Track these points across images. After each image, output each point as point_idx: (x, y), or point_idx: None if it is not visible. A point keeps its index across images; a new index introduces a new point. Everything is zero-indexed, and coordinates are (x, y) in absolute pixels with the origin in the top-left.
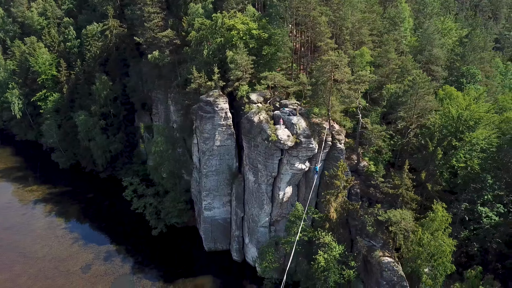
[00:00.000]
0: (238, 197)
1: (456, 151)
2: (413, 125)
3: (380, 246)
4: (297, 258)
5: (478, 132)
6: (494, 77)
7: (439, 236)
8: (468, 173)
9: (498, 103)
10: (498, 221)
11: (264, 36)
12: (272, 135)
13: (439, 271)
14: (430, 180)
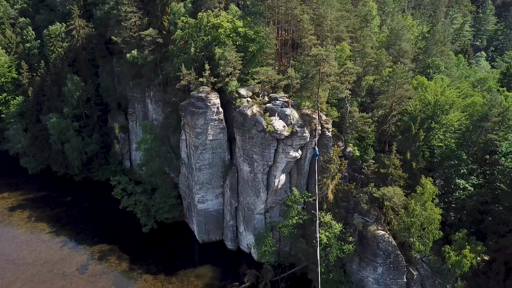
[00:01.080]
0: (232, 188)
1: (434, 132)
2: (394, 112)
3: (373, 221)
4: (295, 240)
5: (452, 115)
6: (451, 68)
7: (428, 206)
8: (445, 151)
9: (459, 90)
10: (473, 191)
11: (250, 34)
12: (269, 126)
13: (428, 238)
14: (414, 159)
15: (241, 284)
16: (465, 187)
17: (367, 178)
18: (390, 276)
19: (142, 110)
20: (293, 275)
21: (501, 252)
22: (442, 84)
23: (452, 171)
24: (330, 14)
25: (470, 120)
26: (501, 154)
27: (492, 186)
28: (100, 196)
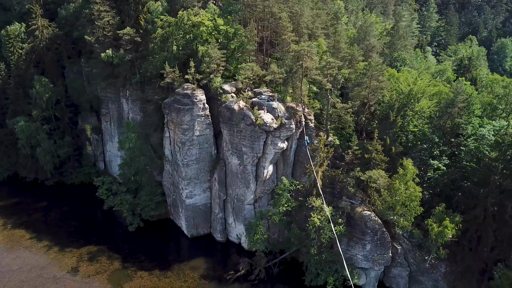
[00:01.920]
0: (221, 181)
1: (409, 118)
2: (372, 102)
3: (359, 203)
4: (284, 227)
5: (423, 102)
6: (412, 61)
7: (410, 185)
8: (419, 135)
9: (428, 80)
10: (445, 171)
11: (231, 32)
12: (258, 119)
13: (410, 214)
14: (393, 144)
15: (236, 272)
16: (438, 167)
17: (347, 164)
18: (377, 252)
19: (117, 110)
20: (284, 260)
21: (472, 222)
22: (413, 75)
23: (426, 153)
24: (305, 11)
25: (439, 107)
26: (467, 136)
27: (460, 165)
28: (77, 199)
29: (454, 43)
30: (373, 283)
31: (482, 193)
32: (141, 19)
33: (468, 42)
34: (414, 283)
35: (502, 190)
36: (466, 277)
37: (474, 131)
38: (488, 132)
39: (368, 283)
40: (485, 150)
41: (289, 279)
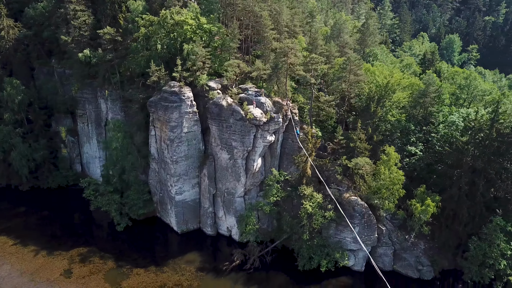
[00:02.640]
0: (210, 176)
1: (388, 109)
2: (352, 94)
3: (345, 189)
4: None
5: (399, 94)
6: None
7: (393, 170)
8: (396, 124)
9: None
10: (421, 156)
11: (214, 30)
12: (248, 114)
13: (394, 197)
14: (374, 133)
15: (231, 263)
16: (415, 152)
17: (329, 154)
18: (365, 234)
19: (94, 111)
20: (276, 248)
21: (449, 201)
22: (387, 69)
23: (404, 141)
24: (284, 10)
25: (412, 97)
26: (438, 123)
27: (433, 150)
28: (57, 203)
29: (408, 40)
30: (361, 264)
31: (456, 174)
32: (120, 18)
33: (420, 38)
34: (398, 260)
35: (473, 170)
36: (444, 251)
37: (445, 118)
38: (457, 119)
39: (357, 264)
40: (456, 135)
41: (282, 266)
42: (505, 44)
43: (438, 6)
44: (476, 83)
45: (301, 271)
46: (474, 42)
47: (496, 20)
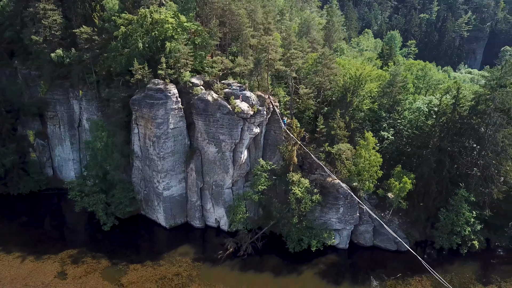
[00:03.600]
0: (197, 170)
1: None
2: (328, 86)
3: (328, 174)
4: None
5: (370, 84)
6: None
7: (372, 153)
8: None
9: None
10: (392, 140)
11: (194, 28)
12: (236, 107)
13: (373, 177)
14: (351, 121)
15: (225, 251)
16: (388, 137)
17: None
18: (348, 214)
19: (67, 112)
20: (264, 234)
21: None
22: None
23: (377, 127)
24: (258, 8)
25: (381, 87)
26: (404, 109)
27: (401, 134)
28: (33, 208)
29: (355, 36)
30: (345, 241)
31: (425, 154)
32: (95, 17)
33: (366, 34)
34: (377, 235)
35: (439, 150)
36: (416, 224)
37: (410, 105)
38: (422, 105)
39: (342, 242)
40: (422, 119)
41: (274, 250)
42: (438, 39)
43: (378, 4)
44: (431, 73)
45: (292, 253)
46: (412, 37)
47: (430, 17)
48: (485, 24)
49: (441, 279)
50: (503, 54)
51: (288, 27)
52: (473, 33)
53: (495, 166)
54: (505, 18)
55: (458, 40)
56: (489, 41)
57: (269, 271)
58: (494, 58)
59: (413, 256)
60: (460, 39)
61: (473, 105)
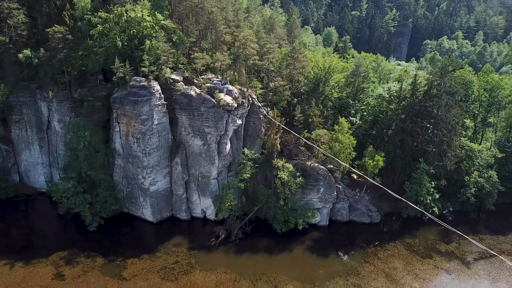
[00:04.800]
0: (183, 164)
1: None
2: (301, 77)
3: (307, 158)
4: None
5: (337, 75)
6: None
7: (347, 136)
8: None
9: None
10: (360, 124)
11: (170, 26)
12: (221, 100)
13: (348, 158)
14: (324, 109)
15: (217, 238)
16: (356, 122)
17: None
18: (327, 193)
19: (34, 115)
20: (250, 220)
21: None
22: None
23: (346, 113)
24: (229, 6)
25: (347, 77)
26: (367, 96)
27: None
28: (6, 216)
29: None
30: (325, 219)
31: (390, 135)
32: (66, 16)
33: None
34: (353, 211)
35: (402, 130)
36: (384, 198)
37: (373, 92)
38: (383, 92)
39: (322, 219)
40: (385, 104)
41: (262, 233)
42: (369, 34)
43: (314, 2)
44: (383, 64)
45: (279, 234)
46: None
47: (360, 14)
48: (408, 20)
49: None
50: (425, 47)
51: (258, 23)
52: (399, 28)
53: (447, 142)
54: (424, 15)
55: (386, 35)
56: (412, 36)
57: (262, 252)
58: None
59: (385, 226)
60: (388, 34)
61: (427, 90)
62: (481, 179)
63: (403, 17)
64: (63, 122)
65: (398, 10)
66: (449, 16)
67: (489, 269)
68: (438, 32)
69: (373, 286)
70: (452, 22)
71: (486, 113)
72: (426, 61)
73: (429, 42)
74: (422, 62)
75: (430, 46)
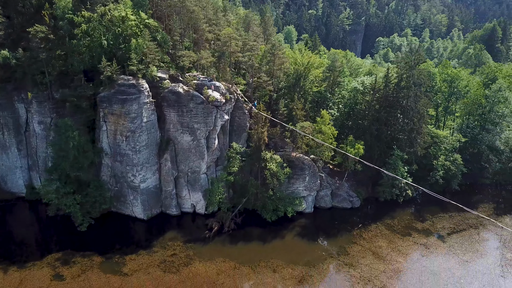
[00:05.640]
0: (172, 160)
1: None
2: (280, 73)
3: (292, 150)
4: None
5: (315, 71)
6: None
7: (328, 127)
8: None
9: None
10: (338, 115)
11: (154, 25)
12: (210, 96)
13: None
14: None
15: (211, 230)
16: (334, 113)
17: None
18: (312, 181)
19: (11, 117)
20: (239, 211)
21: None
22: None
23: (324, 106)
24: (209, 5)
25: (324, 72)
26: (342, 90)
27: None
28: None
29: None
30: (311, 206)
31: (367, 125)
32: (45, 15)
33: None
34: (335, 197)
35: (377, 120)
36: (362, 185)
37: (348, 86)
38: (358, 85)
39: (308, 207)
40: (360, 97)
41: (253, 223)
42: (325, 32)
43: (272, 1)
44: (352, 59)
45: (269, 222)
46: (304, 31)
47: (317, 13)
48: (361, 19)
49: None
50: (377, 44)
51: (237, 22)
52: (353, 26)
53: (416, 130)
54: (376, 13)
55: (342, 33)
56: (365, 33)
57: (256, 240)
58: (371, 47)
59: (365, 209)
60: (343, 32)
61: (397, 82)
62: (447, 162)
63: (356, 16)
64: (43, 124)
65: (351, 9)
66: (398, 14)
67: (460, 241)
68: (389, 30)
69: (363, 264)
70: (401, 20)
71: (447, 102)
72: (380, 57)
73: (382, 39)
74: (376, 58)
75: (382, 43)
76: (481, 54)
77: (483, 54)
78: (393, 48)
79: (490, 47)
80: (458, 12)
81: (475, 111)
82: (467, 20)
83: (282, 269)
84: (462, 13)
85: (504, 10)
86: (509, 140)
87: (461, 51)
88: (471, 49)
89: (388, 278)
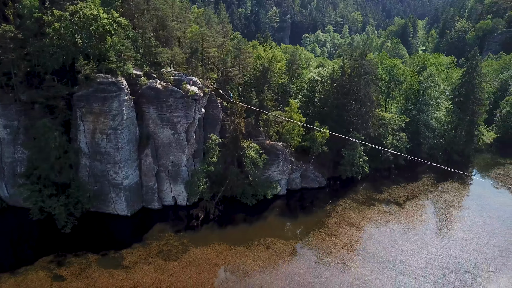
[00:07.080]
0: (153, 155)
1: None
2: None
3: (265, 138)
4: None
5: (278, 64)
6: None
7: (297, 115)
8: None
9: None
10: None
11: (125, 23)
12: (190, 91)
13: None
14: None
15: (198, 219)
16: (297, 102)
17: None
18: (285, 166)
19: None
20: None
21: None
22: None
23: (288, 96)
24: (177, 3)
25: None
26: (301, 81)
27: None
28: None
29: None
30: (284, 188)
31: (327, 111)
32: (10, 14)
33: None
34: (303, 179)
35: (337, 106)
36: (324, 166)
37: (307, 77)
38: (316, 76)
39: (282, 189)
40: (319, 86)
41: (235, 208)
42: (255, 30)
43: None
44: (303, 53)
45: (250, 206)
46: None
47: (246, 11)
48: (287, 16)
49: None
50: (304, 40)
51: (201, 20)
52: (280, 23)
53: (368, 114)
54: (300, 11)
55: (270, 30)
56: (292, 30)
57: (242, 223)
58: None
59: (331, 187)
60: (272, 29)
61: (350, 72)
62: (394, 141)
63: (282, 14)
64: (10, 127)
65: (278, 7)
66: (319, 12)
67: (415, 206)
68: (313, 27)
69: (342, 233)
70: (322, 17)
71: (387, 88)
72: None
73: (308, 35)
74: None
75: (308, 39)
76: (398, 47)
77: (400, 47)
78: (319, 44)
79: (404, 40)
80: (370, 9)
81: (412, 95)
82: (377, 17)
83: (274, 245)
84: (373, 11)
85: (406, 8)
86: (439, 118)
87: (380, 45)
88: (389, 42)
89: (366, 241)
